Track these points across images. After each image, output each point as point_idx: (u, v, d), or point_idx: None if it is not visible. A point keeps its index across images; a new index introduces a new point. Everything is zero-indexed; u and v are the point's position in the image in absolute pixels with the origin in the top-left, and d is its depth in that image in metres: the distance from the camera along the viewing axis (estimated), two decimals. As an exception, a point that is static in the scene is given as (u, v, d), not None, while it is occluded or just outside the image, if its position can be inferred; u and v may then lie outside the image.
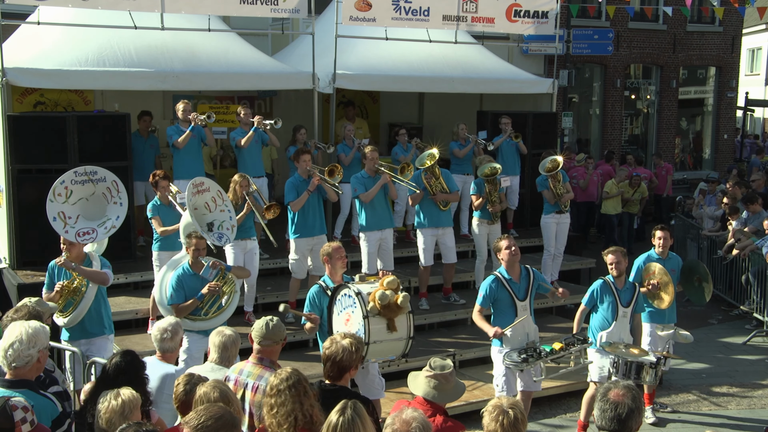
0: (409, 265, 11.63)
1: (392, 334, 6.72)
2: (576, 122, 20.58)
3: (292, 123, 12.20)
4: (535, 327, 7.77)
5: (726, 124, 22.95)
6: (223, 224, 8.39)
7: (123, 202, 8.02)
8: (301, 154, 9.70)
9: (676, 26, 21.05)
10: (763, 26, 35.37)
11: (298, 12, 11.45)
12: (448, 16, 12.27)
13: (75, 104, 13.18)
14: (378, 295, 6.66)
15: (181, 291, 7.61)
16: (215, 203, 8.40)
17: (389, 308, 6.69)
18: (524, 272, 7.78)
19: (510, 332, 7.53)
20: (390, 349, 6.86)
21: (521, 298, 7.64)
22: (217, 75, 11.29)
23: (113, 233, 8.07)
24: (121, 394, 4.47)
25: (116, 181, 7.99)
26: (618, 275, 8.10)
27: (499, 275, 7.71)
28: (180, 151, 10.58)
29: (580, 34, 19.01)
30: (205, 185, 8.39)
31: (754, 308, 12.22)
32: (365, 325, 6.59)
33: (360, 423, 4.04)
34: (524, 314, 7.59)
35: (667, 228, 9.16)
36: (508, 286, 7.65)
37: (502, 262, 7.78)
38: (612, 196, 16.29)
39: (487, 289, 7.69)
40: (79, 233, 7.64)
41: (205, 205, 8.39)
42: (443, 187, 10.32)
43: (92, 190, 7.85)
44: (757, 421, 8.77)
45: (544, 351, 7.47)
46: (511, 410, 4.18)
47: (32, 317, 5.54)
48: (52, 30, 10.82)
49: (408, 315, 6.83)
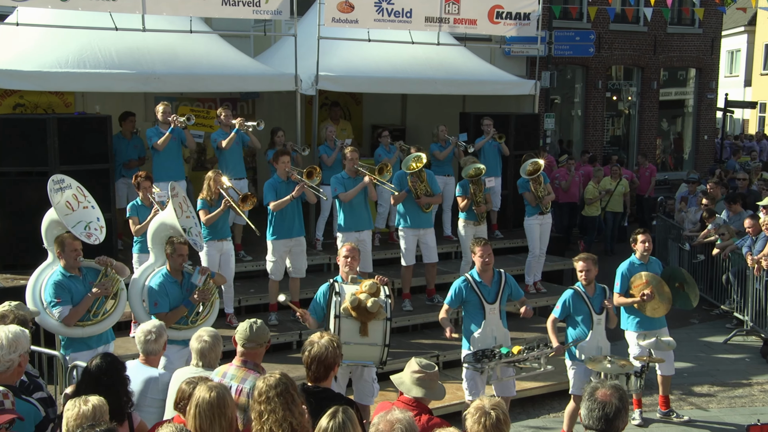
0: (393, 266, 11.62)
1: (363, 338, 6.75)
2: (558, 123, 20.68)
3: (275, 125, 12.18)
4: (505, 331, 7.75)
5: (706, 125, 23.13)
6: (191, 230, 8.11)
7: (94, 205, 7.89)
8: (280, 156, 9.69)
9: (656, 28, 21.20)
10: (741, 28, 35.81)
11: (281, 14, 11.42)
12: (430, 18, 12.29)
13: (55, 106, 13.07)
14: (349, 298, 6.75)
15: (165, 299, 7.38)
16: (182, 209, 8.07)
17: (360, 311, 6.77)
18: (497, 276, 7.83)
19: (478, 335, 7.59)
20: (363, 354, 6.86)
21: (490, 301, 7.69)
22: (199, 77, 11.24)
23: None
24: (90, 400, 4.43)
25: (80, 187, 7.85)
26: (587, 283, 8.01)
27: (470, 277, 7.79)
28: (159, 153, 10.54)
29: (561, 35, 19.11)
30: (175, 190, 8.13)
31: (734, 307, 12.32)
32: (336, 325, 6.70)
33: (351, 427, 4.05)
34: (493, 317, 7.62)
35: (647, 232, 9.04)
36: (477, 289, 7.71)
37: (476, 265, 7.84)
38: (593, 201, 16.38)
39: (456, 289, 7.80)
40: (83, 235, 7.57)
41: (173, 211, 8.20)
42: (428, 190, 10.35)
43: (59, 198, 7.66)
44: (739, 421, 8.82)
45: (500, 354, 7.45)
46: (493, 411, 4.17)
47: (20, 323, 5.49)
48: (31, 31, 10.73)
49: (385, 322, 6.86)
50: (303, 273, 9.80)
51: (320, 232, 11.85)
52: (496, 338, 7.63)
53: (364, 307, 6.75)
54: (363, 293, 6.82)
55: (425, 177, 10.35)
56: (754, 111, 34.63)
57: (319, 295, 7.30)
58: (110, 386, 4.84)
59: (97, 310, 7.26)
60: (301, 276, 9.79)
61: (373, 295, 6.83)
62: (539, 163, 11.13)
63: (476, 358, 7.48)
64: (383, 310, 6.87)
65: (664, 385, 9.00)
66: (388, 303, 6.96)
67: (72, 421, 4.32)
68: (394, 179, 10.38)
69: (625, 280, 8.74)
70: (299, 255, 9.73)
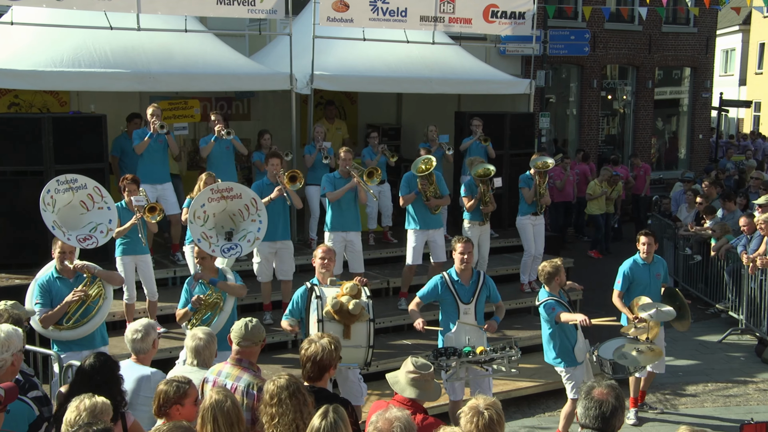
0: (388, 265, 11.64)
1: (347, 341, 6.70)
2: (553, 122, 20.68)
3: (269, 124, 12.17)
4: (481, 333, 7.63)
5: (701, 124, 23.17)
6: (247, 236, 8.03)
7: (111, 206, 7.83)
8: (270, 158, 9.71)
9: (651, 27, 21.23)
10: (736, 27, 35.86)
11: (276, 13, 11.41)
12: (425, 17, 12.28)
13: (50, 105, 13.05)
14: (330, 302, 6.73)
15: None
16: (248, 211, 8.05)
17: (342, 314, 6.75)
18: (475, 277, 7.81)
19: (451, 334, 7.54)
20: (348, 356, 6.77)
21: (465, 301, 7.66)
22: (194, 76, 11.22)
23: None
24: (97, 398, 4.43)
25: (98, 187, 7.78)
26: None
27: (447, 276, 7.76)
28: (143, 155, 10.54)
29: (556, 34, 19.11)
30: (234, 191, 8.04)
31: (729, 306, 12.35)
32: (319, 329, 6.61)
33: (343, 426, 4.04)
34: (467, 318, 7.61)
35: (651, 233, 9.09)
36: (452, 288, 7.69)
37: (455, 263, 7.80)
38: (596, 197, 16.38)
39: (432, 285, 7.79)
40: (80, 239, 7.51)
41: (239, 212, 8.10)
42: (437, 191, 10.35)
43: (70, 198, 7.64)
44: (733, 420, 8.84)
45: (460, 352, 7.30)
46: (486, 411, 4.17)
47: (14, 322, 5.49)
48: (26, 30, 10.69)
49: (368, 323, 6.85)
50: (290, 275, 9.81)
51: (313, 232, 11.85)
52: (468, 339, 7.51)
53: (346, 310, 6.74)
54: (344, 296, 6.80)
55: (434, 179, 10.35)
56: (749, 110, 34.71)
57: (296, 299, 7.23)
58: (104, 385, 4.83)
59: (71, 316, 7.18)
60: (289, 278, 9.79)
61: (354, 297, 6.82)
62: (549, 163, 11.26)
63: (435, 355, 7.29)
64: (365, 311, 6.86)
65: (645, 380, 9.10)
66: (369, 304, 6.94)
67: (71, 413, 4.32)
68: (402, 181, 10.41)
69: (626, 279, 8.83)
70: (286, 258, 9.76)
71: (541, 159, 11.31)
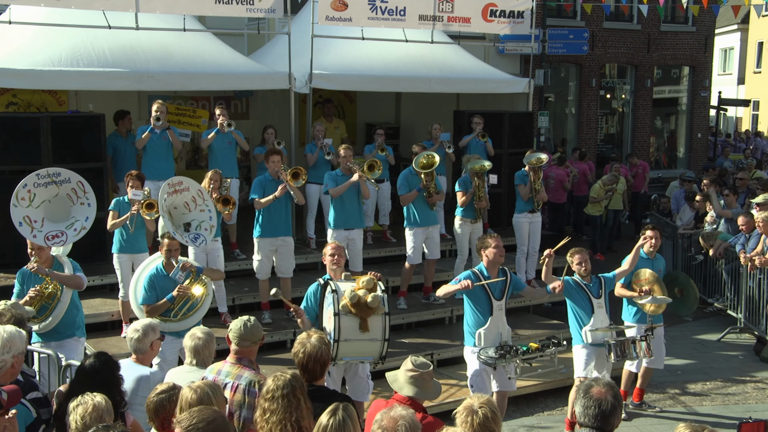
0: (387, 264, 11.63)
1: (364, 334, 6.71)
2: (552, 121, 20.67)
3: (268, 123, 12.16)
4: (508, 328, 7.74)
5: (700, 123, 23.17)
6: (202, 224, 8.31)
7: (91, 203, 7.87)
8: (270, 155, 9.71)
9: (650, 26, 21.23)
10: (734, 26, 35.87)
11: (274, 12, 11.41)
12: (424, 16, 12.29)
13: (48, 105, 13.05)
14: (348, 294, 6.70)
15: (152, 291, 7.63)
16: (195, 203, 8.32)
17: (360, 307, 6.72)
18: (501, 273, 7.78)
19: (484, 331, 7.54)
20: (363, 350, 6.83)
21: (498, 298, 7.65)
22: (193, 75, 11.22)
23: (85, 234, 7.93)
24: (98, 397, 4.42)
25: (82, 182, 7.83)
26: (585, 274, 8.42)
27: (478, 272, 7.71)
28: (147, 152, 10.56)
29: (555, 33, 19.09)
30: (184, 184, 8.30)
31: (728, 305, 12.36)
32: (336, 323, 6.63)
33: (351, 425, 4.05)
34: (499, 314, 7.63)
35: (657, 228, 9.18)
36: (486, 284, 7.64)
37: (484, 260, 7.74)
38: (598, 200, 16.24)
39: (464, 276, 7.71)
40: (48, 236, 7.54)
41: (185, 205, 8.32)
42: (435, 188, 10.40)
43: (55, 192, 7.67)
44: (732, 418, 8.85)
45: (520, 349, 7.50)
46: (481, 410, 4.15)
47: (16, 322, 5.46)
48: (24, 29, 10.69)
49: (384, 317, 6.82)
50: (290, 273, 9.80)
51: (311, 230, 11.85)
52: (501, 335, 7.59)
53: (364, 303, 6.71)
54: (361, 289, 6.78)
55: (434, 175, 10.40)
56: (747, 109, 34.72)
57: (309, 296, 7.23)
58: (103, 385, 4.81)
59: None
60: (289, 276, 9.78)
61: (371, 291, 6.81)
62: (542, 158, 11.29)
63: (498, 353, 7.40)
64: (382, 304, 6.86)
65: (643, 378, 9.11)
66: (384, 298, 6.94)
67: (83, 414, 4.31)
68: (400, 179, 10.42)
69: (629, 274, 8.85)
70: (286, 255, 9.74)
71: (534, 155, 11.37)
